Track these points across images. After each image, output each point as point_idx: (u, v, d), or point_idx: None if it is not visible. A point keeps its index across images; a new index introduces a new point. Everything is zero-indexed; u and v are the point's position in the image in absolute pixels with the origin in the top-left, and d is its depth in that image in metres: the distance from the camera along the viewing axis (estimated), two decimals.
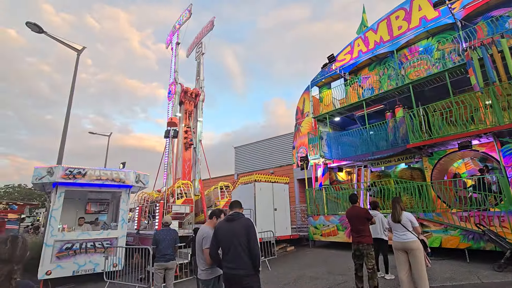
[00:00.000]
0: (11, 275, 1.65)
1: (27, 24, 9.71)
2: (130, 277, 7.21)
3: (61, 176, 7.40)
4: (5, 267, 1.65)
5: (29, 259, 1.89)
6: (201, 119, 15.62)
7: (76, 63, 10.98)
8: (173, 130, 8.28)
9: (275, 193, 10.56)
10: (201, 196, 13.60)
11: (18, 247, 1.75)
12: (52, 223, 7.39)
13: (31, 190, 38.65)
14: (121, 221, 8.52)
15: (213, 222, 3.64)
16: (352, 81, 12.09)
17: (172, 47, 15.76)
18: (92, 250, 7.83)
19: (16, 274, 1.67)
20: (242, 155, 24.53)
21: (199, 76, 15.91)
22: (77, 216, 9.43)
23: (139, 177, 8.75)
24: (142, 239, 10.63)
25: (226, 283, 3.05)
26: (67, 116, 10.52)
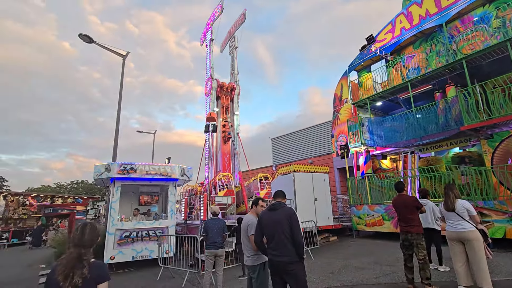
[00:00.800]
0: (81, 256, 1.93)
1: (80, 36, 10.73)
2: (181, 263, 7.78)
3: (117, 172, 8.20)
4: (75, 250, 1.94)
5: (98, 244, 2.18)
6: (238, 112, 15.91)
7: (122, 67, 11.90)
8: (212, 125, 8.59)
9: (315, 183, 10.44)
10: (241, 188, 13.99)
11: (86, 233, 2.03)
12: (112, 214, 8.26)
13: (92, 185, 43.34)
14: (170, 212, 9.18)
15: (254, 210, 3.79)
16: (395, 61, 11.25)
17: (206, 44, 16.18)
18: (147, 238, 8.60)
19: (86, 256, 1.95)
20: (279, 146, 24.52)
21: (234, 70, 16.14)
22: (132, 208, 10.39)
23: (184, 170, 9.30)
24: (189, 228, 11.34)
25: (272, 269, 3.16)
26: (118, 117, 11.52)
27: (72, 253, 1.92)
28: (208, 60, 15.62)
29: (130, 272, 8.22)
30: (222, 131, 14.74)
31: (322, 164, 15.16)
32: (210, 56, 15.64)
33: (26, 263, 11.37)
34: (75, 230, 2.08)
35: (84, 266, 1.89)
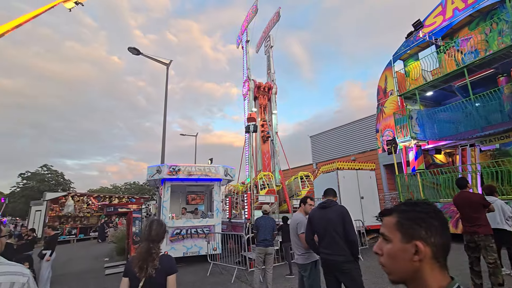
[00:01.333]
0: (150, 250, 2.12)
1: (129, 49, 11.67)
2: (228, 260, 8.04)
3: (167, 173, 8.77)
4: (145, 244, 2.15)
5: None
6: (275, 111, 15.92)
7: (167, 75, 12.65)
8: (253, 125, 8.73)
9: (360, 181, 10.01)
10: (282, 186, 13.97)
11: (153, 229, 2.23)
12: (164, 212, 8.85)
13: (143, 186, 46.89)
14: (216, 211, 9.54)
15: (303, 208, 3.77)
16: (447, 46, 10.24)
17: (242, 46, 16.47)
18: (196, 235, 9.05)
19: (155, 249, 2.13)
20: (318, 144, 23.96)
21: (270, 70, 16.18)
22: (180, 207, 11.01)
23: (227, 171, 9.60)
24: (234, 226, 11.65)
25: (325, 268, 3.11)
26: (164, 123, 12.28)
27: (143, 247, 2.13)
28: (245, 61, 15.89)
29: (181, 267, 8.72)
30: (261, 131, 14.87)
31: (366, 161, 14.46)
32: (246, 58, 15.89)
33: (93, 256, 12.71)
34: (144, 226, 2.30)
35: (154, 258, 2.08)
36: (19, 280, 1.54)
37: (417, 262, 0.83)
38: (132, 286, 2.06)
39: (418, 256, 0.83)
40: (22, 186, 32.08)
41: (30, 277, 1.61)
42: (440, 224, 0.87)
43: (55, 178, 33.76)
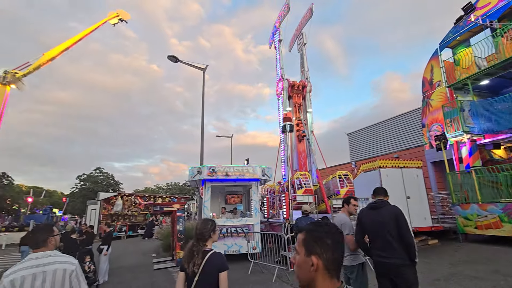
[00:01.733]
0: (192, 247, 2.30)
1: (168, 57, 12.36)
2: (268, 259, 8.10)
3: (207, 174, 9.11)
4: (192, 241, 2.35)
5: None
6: (310, 110, 15.64)
7: (203, 79, 13.15)
8: (289, 125, 8.69)
9: (405, 180, 9.40)
10: (319, 186, 13.68)
11: (197, 228, 2.39)
12: (205, 212, 9.21)
13: (183, 186, 49.19)
14: (254, 210, 9.67)
15: (346, 209, 3.66)
16: (506, 28, 9.16)
17: (275, 46, 16.47)
18: (236, 234, 9.26)
19: (196, 247, 2.28)
20: (356, 141, 23.00)
21: (304, 68, 15.95)
22: (220, 206, 11.36)
23: (264, 170, 9.68)
24: (272, 226, 11.70)
25: (379, 271, 2.97)
26: (202, 126, 12.78)
27: (188, 244, 2.31)
28: (278, 61, 15.87)
29: None
30: (296, 130, 14.73)
31: (411, 158, 13.55)
32: (279, 57, 15.85)
33: (141, 251, 13.67)
34: (195, 225, 2.46)
35: (194, 255, 2.23)
36: (69, 268, 2.08)
37: (313, 272, 1.05)
38: (188, 280, 2.21)
39: (313, 267, 1.04)
40: (79, 187, 35.67)
41: (77, 267, 2.17)
42: (332, 243, 1.07)
43: (106, 179, 36.97)
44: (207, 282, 2.17)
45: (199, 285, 2.15)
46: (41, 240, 2.14)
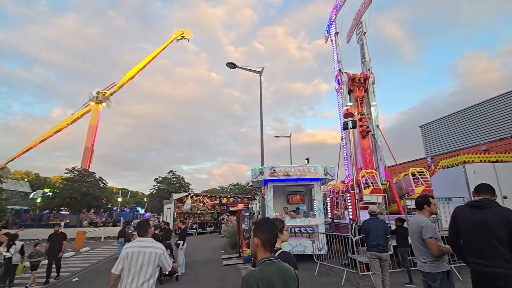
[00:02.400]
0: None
1: (227, 64, 13.00)
2: (334, 261, 7.80)
3: (269, 174, 9.29)
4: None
5: None
6: (374, 103, 14.53)
7: (260, 82, 13.45)
8: (351, 121, 8.22)
9: (500, 176, 7.95)
10: (389, 185, 12.58)
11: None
12: (268, 211, 9.39)
13: (245, 187, 51.06)
14: (318, 210, 9.44)
15: (428, 210, 3.29)
16: None
17: (331, 40, 15.81)
18: (300, 234, 9.19)
19: None
20: (432, 134, 20.40)
21: (365, 58, 14.91)
22: (282, 206, 11.42)
23: (327, 169, 9.37)
24: (338, 227, 11.23)
25: (479, 281, 2.53)
26: (261, 127, 13.06)
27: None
28: (335, 54, 15.19)
29: None
30: (359, 126, 13.84)
31: (505, 150, 11.39)
32: (337, 50, 15.16)
33: (211, 248, 14.68)
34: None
35: None
36: (159, 252, 3.10)
37: (255, 247, 1.84)
38: None
39: (255, 244, 1.83)
40: (156, 188, 40.17)
41: (164, 251, 3.18)
42: (266, 230, 1.85)
43: (178, 181, 40.79)
44: None
45: None
46: (145, 230, 3.25)
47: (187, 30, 45.68)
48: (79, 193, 29.14)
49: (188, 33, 45.53)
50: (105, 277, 8.42)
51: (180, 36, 44.64)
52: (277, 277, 1.71)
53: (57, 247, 8.34)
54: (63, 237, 8.67)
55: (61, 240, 8.56)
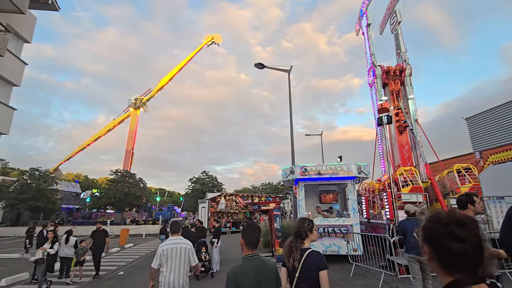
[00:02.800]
0: (290, 244, 2.40)
1: (255, 65, 13.10)
2: (370, 262, 7.49)
3: (300, 173, 9.19)
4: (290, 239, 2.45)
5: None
6: (412, 95, 13.67)
7: (289, 81, 13.35)
8: (386, 116, 7.82)
9: None
10: (431, 183, 11.75)
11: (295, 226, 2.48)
12: (300, 211, 9.30)
13: (276, 186, 50.98)
14: (352, 210, 9.14)
15: (472, 209, 3.03)
16: None
17: (363, 32, 15.19)
18: (333, 234, 8.97)
19: (294, 244, 2.38)
20: (480, 127, 18.58)
21: (400, 49, 14.08)
22: (314, 205, 11.22)
23: (360, 168, 9.03)
24: (374, 227, 10.77)
25: None
26: (291, 126, 12.96)
27: (288, 241, 2.42)
28: (367, 47, 14.57)
29: None
30: (396, 121, 13.13)
31: None
32: (369, 43, 14.53)
33: None
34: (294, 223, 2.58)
35: (293, 252, 2.31)
36: (187, 247, 3.67)
37: (241, 246, 2.38)
38: (290, 275, 2.32)
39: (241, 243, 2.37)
40: (191, 188, 41.78)
41: (191, 247, 3.74)
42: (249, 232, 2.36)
43: (211, 181, 42.03)
44: (308, 278, 2.22)
45: (300, 280, 2.23)
46: (176, 229, 3.86)
47: (217, 35, 46.97)
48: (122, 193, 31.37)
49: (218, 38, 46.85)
50: (146, 271, 8.99)
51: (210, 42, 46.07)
52: (253, 270, 2.16)
53: (100, 244, 8.53)
54: (105, 234, 8.87)
55: (104, 237, 8.73)
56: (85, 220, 33.74)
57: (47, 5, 14.67)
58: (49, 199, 30.60)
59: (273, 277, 2.20)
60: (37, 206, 29.27)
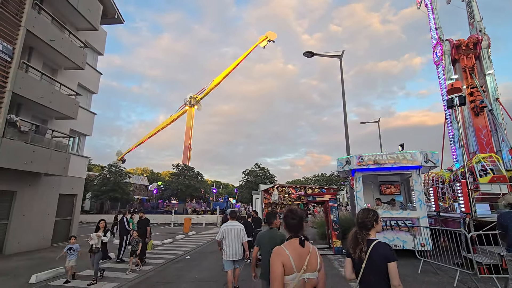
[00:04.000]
0: (356, 235, 2.31)
1: (304, 53, 12.78)
2: (441, 259, 6.82)
3: (357, 164, 8.77)
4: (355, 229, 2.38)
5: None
6: (491, 71, 11.74)
7: (341, 67, 12.73)
8: (458, 97, 6.88)
9: None
10: None
11: (359, 217, 2.39)
12: (358, 203, 8.91)
13: (329, 177, 49.47)
14: (418, 202, 8.40)
15: None
16: None
17: (425, 3, 13.51)
18: (397, 228, 8.39)
19: (360, 235, 2.28)
20: None
21: (474, 18, 12.14)
22: (374, 197, 10.61)
23: (427, 156, 8.19)
24: (445, 221, 9.75)
25: None
26: (345, 114, 12.39)
27: (352, 232, 2.36)
28: (432, 20, 12.92)
29: None
30: (470, 101, 11.50)
31: None
32: (433, 15, 12.86)
33: None
34: (357, 214, 2.51)
35: (359, 242, 2.23)
36: (241, 228, 5.34)
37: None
38: (355, 265, 2.28)
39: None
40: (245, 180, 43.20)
41: (243, 228, 5.39)
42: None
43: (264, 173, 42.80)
44: (375, 270, 2.16)
45: (367, 272, 2.18)
46: (233, 216, 5.55)
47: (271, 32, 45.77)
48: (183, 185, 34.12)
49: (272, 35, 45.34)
50: (210, 257, 9.70)
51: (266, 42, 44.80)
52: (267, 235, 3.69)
53: (143, 232, 8.62)
54: (147, 223, 8.96)
55: (146, 226, 8.81)
56: (153, 209, 37.70)
57: (114, 19, 16.50)
58: (124, 191, 35.02)
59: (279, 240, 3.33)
60: (115, 196, 33.76)
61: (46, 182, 12.24)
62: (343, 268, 7.42)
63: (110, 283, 6.59)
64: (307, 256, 2.04)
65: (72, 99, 12.67)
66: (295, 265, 1.96)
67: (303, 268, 1.97)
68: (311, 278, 2.00)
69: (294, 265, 1.96)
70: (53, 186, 12.66)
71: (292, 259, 1.97)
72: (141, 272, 7.63)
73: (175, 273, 7.58)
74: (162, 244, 12.89)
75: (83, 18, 13.14)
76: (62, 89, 12.38)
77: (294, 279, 1.95)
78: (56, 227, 12.76)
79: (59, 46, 11.73)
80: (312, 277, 2.01)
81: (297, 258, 2.00)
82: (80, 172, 14.59)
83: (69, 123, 13.41)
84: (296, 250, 2.04)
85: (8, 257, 9.90)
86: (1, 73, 9.49)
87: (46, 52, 11.82)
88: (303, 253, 2.04)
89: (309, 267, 2.00)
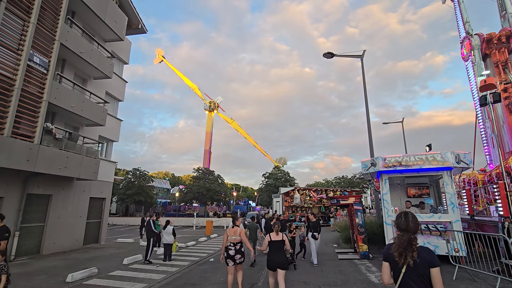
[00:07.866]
0: (411, 241, 2.14)
1: (323, 55, 12.63)
2: (477, 265, 6.43)
3: (382, 166, 8.51)
4: (405, 235, 2.18)
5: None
6: None
7: (362, 67, 12.45)
8: (491, 94, 6.51)
9: None
10: None
11: (410, 221, 2.23)
12: (386, 206, 8.62)
13: (351, 180, 48.23)
14: (451, 205, 7.99)
15: None
16: None
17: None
18: (427, 232, 8.03)
19: (415, 241, 2.13)
20: None
21: (506, 9, 11.47)
22: (401, 200, 10.22)
23: (459, 157, 7.79)
24: (480, 225, 9.23)
25: None
26: (367, 116, 12.08)
27: (403, 237, 2.19)
28: (459, 15, 12.36)
29: None
30: (505, 98, 10.82)
31: None
32: (461, 9, 12.29)
33: (323, 241, 14.61)
34: (399, 217, 2.33)
35: (414, 250, 2.10)
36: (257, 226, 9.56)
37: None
38: (394, 270, 2.21)
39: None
40: (265, 183, 43.16)
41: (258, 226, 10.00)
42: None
43: (284, 176, 42.56)
44: (416, 275, 2.08)
45: (407, 276, 2.11)
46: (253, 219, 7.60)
47: (159, 49, 53.11)
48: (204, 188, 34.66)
49: (159, 51, 51.96)
50: None
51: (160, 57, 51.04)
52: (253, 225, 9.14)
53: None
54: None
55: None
56: (176, 212, 38.57)
57: (138, 29, 17.21)
58: (148, 194, 36.12)
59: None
60: (140, 200, 34.89)
61: (78, 186, 12.91)
62: (371, 274, 7.20)
63: (139, 284, 6.81)
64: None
65: (100, 107, 13.32)
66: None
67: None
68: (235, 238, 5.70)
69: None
70: (84, 190, 13.34)
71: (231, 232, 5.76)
72: (168, 274, 7.82)
73: (200, 275, 7.70)
74: (186, 247, 13.14)
75: (110, 29, 13.83)
76: (92, 98, 13.07)
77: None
78: (87, 229, 13.41)
79: (89, 57, 12.41)
80: (236, 237, 5.71)
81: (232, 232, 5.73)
82: (108, 177, 15.26)
83: (98, 130, 14.10)
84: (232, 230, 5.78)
85: (45, 257, 10.52)
86: (38, 85, 10.17)
87: (77, 63, 12.54)
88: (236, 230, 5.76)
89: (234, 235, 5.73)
